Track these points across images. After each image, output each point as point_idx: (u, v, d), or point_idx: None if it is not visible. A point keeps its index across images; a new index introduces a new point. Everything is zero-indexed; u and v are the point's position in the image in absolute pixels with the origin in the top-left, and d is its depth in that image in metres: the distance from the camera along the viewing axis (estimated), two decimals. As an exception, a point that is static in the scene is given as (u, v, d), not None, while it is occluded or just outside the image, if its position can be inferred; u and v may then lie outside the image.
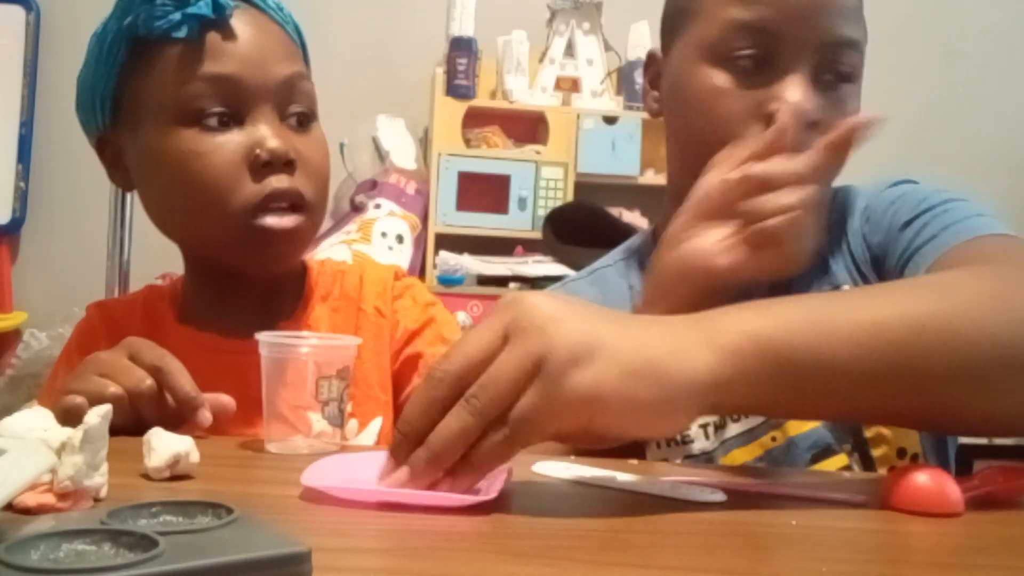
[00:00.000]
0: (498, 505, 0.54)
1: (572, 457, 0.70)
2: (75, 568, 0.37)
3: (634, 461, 0.71)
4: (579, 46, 2.72)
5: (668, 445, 0.86)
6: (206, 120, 0.83)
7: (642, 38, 2.79)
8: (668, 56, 0.93)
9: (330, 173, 0.91)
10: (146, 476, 0.58)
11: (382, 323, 0.92)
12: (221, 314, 0.90)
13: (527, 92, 2.65)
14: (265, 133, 0.83)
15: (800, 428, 0.84)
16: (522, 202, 2.60)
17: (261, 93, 0.84)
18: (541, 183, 2.60)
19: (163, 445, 0.59)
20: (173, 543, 0.38)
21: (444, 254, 2.52)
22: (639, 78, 2.76)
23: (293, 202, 0.84)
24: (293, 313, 0.92)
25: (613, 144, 2.66)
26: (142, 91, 0.86)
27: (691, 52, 0.88)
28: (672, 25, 0.93)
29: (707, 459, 0.85)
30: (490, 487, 0.56)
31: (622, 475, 0.64)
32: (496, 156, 2.60)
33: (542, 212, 2.57)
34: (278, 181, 0.83)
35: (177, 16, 0.82)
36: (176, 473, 0.58)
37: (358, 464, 0.61)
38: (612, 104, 2.73)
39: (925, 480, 0.61)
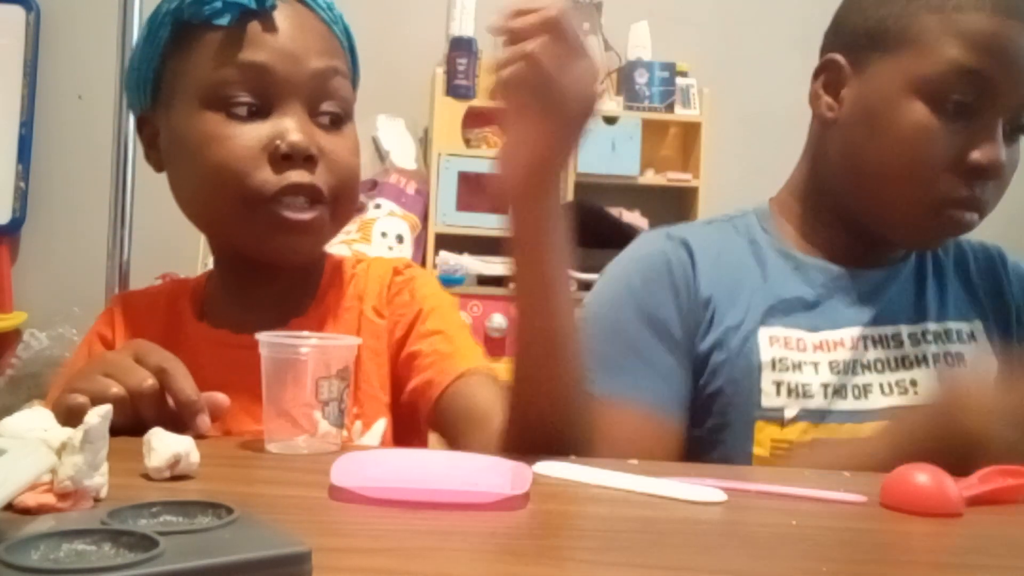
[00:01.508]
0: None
1: (572, 457, 0.70)
2: (75, 568, 0.37)
3: (634, 461, 0.71)
4: (579, 46, 2.72)
5: (789, 395, 0.87)
6: (233, 107, 0.83)
7: (642, 38, 2.79)
8: (862, 72, 0.92)
9: (359, 174, 0.90)
10: (146, 476, 0.58)
11: (379, 324, 0.92)
12: (237, 309, 0.90)
13: (527, 92, 2.65)
14: (288, 126, 0.83)
15: None
16: (522, 202, 2.60)
17: (291, 85, 0.84)
18: (541, 183, 2.60)
19: (163, 445, 0.58)
20: (173, 543, 0.38)
21: (444, 254, 2.52)
22: (639, 78, 2.76)
23: (311, 197, 0.84)
24: (307, 310, 0.91)
25: (613, 144, 2.66)
26: (179, 73, 0.87)
27: (899, 80, 0.87)
28: (873, 42, 0.91)
29: (818, 417, 0.87)
30: (517, 484, 0.56)
31: (622, 475, 0.64)
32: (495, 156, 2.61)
33: (542, 212, 2.57)
34: (297, 175, 0.83)
35: (219, 3, 0.83)
36: (176, 473, 0.58)
37: (383, 461, 0.62)
38: (612, 104, 2.73)
39: (925, 480, 0.61)
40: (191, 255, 2.42)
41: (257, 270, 0.89)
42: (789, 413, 0.86)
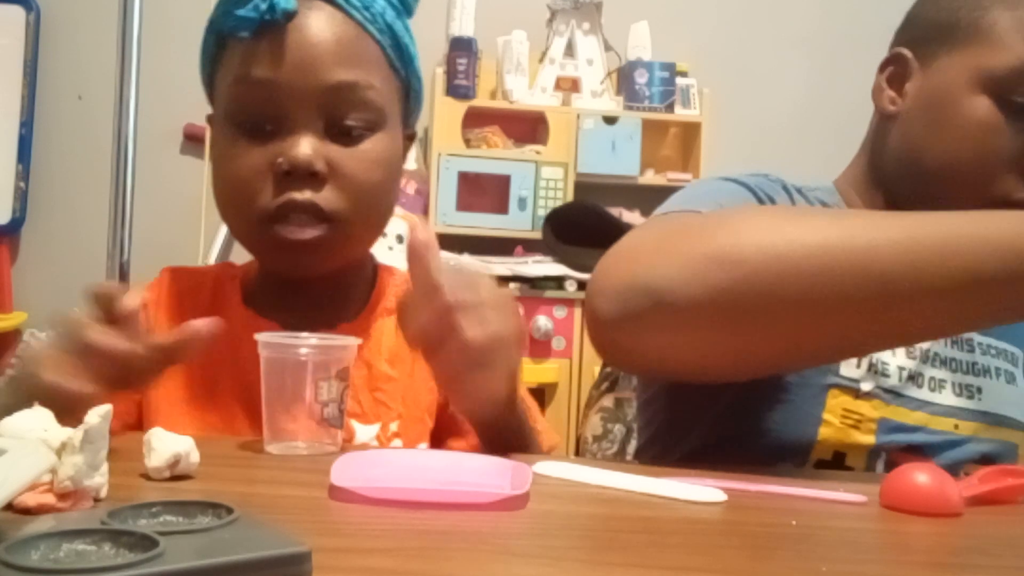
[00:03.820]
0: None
1: (572, 457, 0.70)
2: (75, 568, 0.37)
3: (634, 461, 0.71)
4: (579, 46, 2.72)
5: (869, 369, 0.86)
6: (246, 125, 0.83)
7: (642, 38, 2.79)
8: (929, 66, 0.90)
9: (382, 188, 0.87)
10: (146, 476, 0.58)
11: None
12: (284, 305, 0.89)
13: (527, 92, 2.65)
14: (294, 142, 0.81)
15: (980, 432, 0.87)
16: (522, 202, 2.60)
17: (304, 100, 0.81)
18: (541, 183, 2.60)
19: (163, 445, 0.59)
20: (173, 543, 0.38)
21: (444, 254, 2.51)
22: (639, 78, 2.76)
23: (313, 214, 0.82)
24: (356, 317, 0.90)
25: (613, 144, 2.66)
26: (217, 85, 0.87)
27: (965, 74, 0.85)
28: (943, 35, 0.89)
29: (892, 397, 0.86)
30: (517, 484, 0.57)
31: (622, 475, 0.64)
32: (496, 156, 2.60)
33: (542, 212, 2.57)
34: (298, 193, 0.81)
35: (237, 18, 0.81)
36: (176, 473, 0.58)
37: (383, 461, 0.62)
38: (612, 104, 2.73)
39: (925, 480, 0.61)
40: (191, 255, 2.42)
41: (290, 277, 0.88)
42: (865, 386, 0.85)
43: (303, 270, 0.86)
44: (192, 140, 2.77)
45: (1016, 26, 0.84)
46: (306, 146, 0.80)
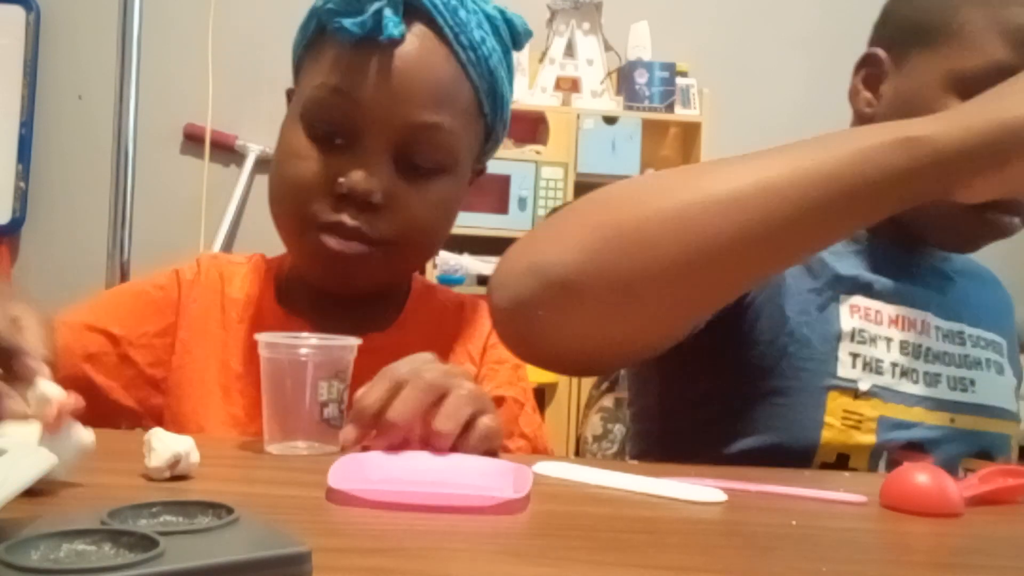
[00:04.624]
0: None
1: (572, 457, 0.70)
2: (75, 568, 0.37)
3: (634, 461, 0.71)
4: (579, 46, 2.73)
5: (864, 368, 0.85)
6: (319, 129, 0.82)
7: (642, 38, 2.79)
8: (902, 66, 0.88)
9: (440, 229, 0.88)
10: (146, 476, 0.58)
11: (470, 369, 0.90)
12: (316, 307, 0.89)
13: (527, 92, 2.65)
14: (358, 167, 0.80)
15: (975, 425, 0.87)
16: (522, 202, 2.60)
17: (381, 129, 0.81)
18: (541, 183, 2.60)
19: (163, 445, 0.58)
20: (173, 543, 0.38)
21: (444, 254, 2.52)
22: (639, 78, 2.76)
23: (359, 239, 0.82)
24: (388, 327, 0.90)
25: (613, 144, 2.66)
26: (303, 72, 0.87)
27: (937, 75, 0.84)
28: (915, 35, 0.87)
29: (889, 395, 0.85)
30: (518, 486, 0.56)
31: (622, 475, 0.64)
32: (496, 156, 2.60)
33: (542, 212, 2.57)
34: (351, 217, 0.81)
35: (341, 25, 0.80)
36: (176, 473, 0.58)
37: (382, 464, 0.62)
38: (612, 104, 2.73)
39: (925, 480, 0.61)
40: (191, 255, 2.42)
41: (326, 287, 0.88)
42: (863, 385, 0.84)
43: (341, 283, 0.86)
44: (192, 140, 2.77)
45: (987, 26, 0.82)
46: (369, 174, 0.80)
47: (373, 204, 0.81)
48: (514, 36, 0.89)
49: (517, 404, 0.91)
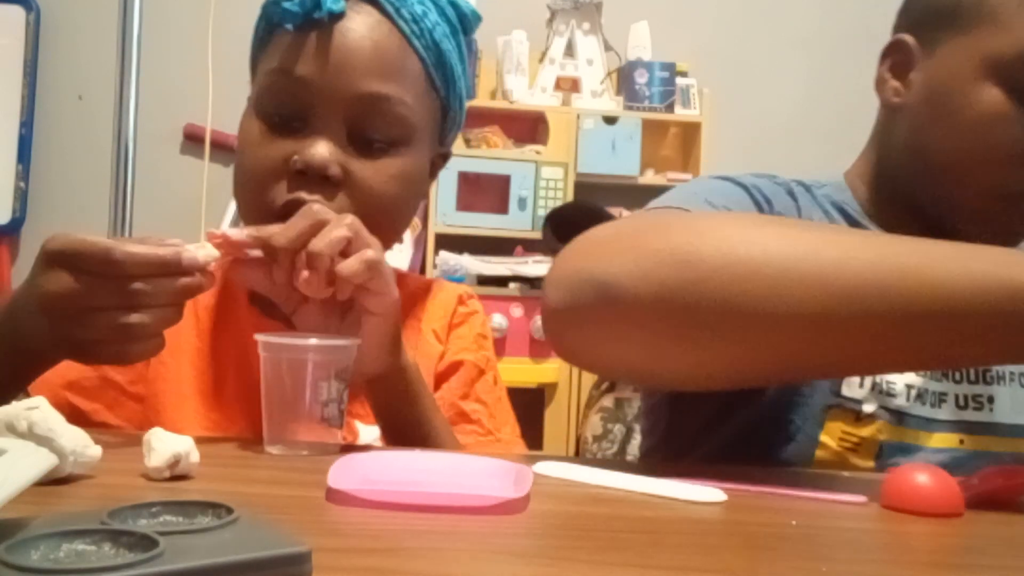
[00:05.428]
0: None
1: (572, 457, 0.70)
2: (75, 568, 0.37)
3: (634, 461, 0.71)
4: (579, 46, 2.73)
5: (872, 389, 0.82)
6: (272, 117, 0.82)
7: (642, 38, 2.79)
8: (933, 53, 0.85)
9: (400, 205, 0.86)
10: (146, 476, 0.58)
11: (436, 347, 0.91)
12: None
13: (527, 92, 2.66)
14: (310, 143, 0.80)
15: (988, 446, 0.83)
16: (522, 202, 2.60)
17: (331, 104, 0.81)
18: (541, 183, 2.60)
19: (163, 445, 0.58)
20: (173, 543, 0.38)
21: (444, 254, 2.52)
22: (639, 78, 2.76)
23: None
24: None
25: (613, 144, 2.66)
26: (257, 70, 0.87)
27: (972, 61, 0.80)
28: (945, 20, 0.83)
29: (897, 419, 0.82)
30: (519, 486, 0.56)
31: (622, 475, 0.64)
32: (496, 156, 2.61)
33: (542, 212, 2.57)
34: (308, 195, 0.79)
35: (283, 9, 0.81)
36: (176, 473, 0.58)
37: (382, 464, 0.62)
38: (612, 104, 2.73)
39: (925, 480, 0.61)
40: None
41: None
42: (868, 407, 0.81)
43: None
44: (192, 140, 2.77)
45: (1022, 6, 0.78)
46: (323, 149, 0.80)
47: (331, 180, 0.80)
48: (461, 17, 0.89)
49: (476, 368, 0.91)
